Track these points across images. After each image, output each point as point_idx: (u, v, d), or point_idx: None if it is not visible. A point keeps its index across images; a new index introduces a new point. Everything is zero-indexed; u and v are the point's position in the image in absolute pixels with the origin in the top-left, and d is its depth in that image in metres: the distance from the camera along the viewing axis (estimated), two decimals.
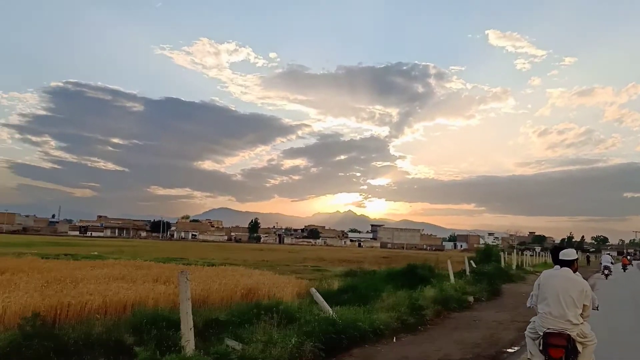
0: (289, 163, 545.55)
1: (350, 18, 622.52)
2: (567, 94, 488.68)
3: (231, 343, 7.78)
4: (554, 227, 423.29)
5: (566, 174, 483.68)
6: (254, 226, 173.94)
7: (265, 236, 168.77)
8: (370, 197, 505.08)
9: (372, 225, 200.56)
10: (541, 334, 5.62)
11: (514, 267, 28.24)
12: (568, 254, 5.94)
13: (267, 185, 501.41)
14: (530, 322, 6.03)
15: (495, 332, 10.57)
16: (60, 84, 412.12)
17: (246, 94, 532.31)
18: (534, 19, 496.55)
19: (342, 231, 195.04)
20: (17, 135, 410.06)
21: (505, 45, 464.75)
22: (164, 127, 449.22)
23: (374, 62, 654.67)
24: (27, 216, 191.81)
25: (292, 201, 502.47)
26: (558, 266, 5.93)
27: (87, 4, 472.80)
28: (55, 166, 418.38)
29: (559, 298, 5.56)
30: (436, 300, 12.68)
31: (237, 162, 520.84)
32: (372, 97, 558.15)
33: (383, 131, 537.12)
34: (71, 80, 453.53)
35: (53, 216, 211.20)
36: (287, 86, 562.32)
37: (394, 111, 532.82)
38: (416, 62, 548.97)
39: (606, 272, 33.39)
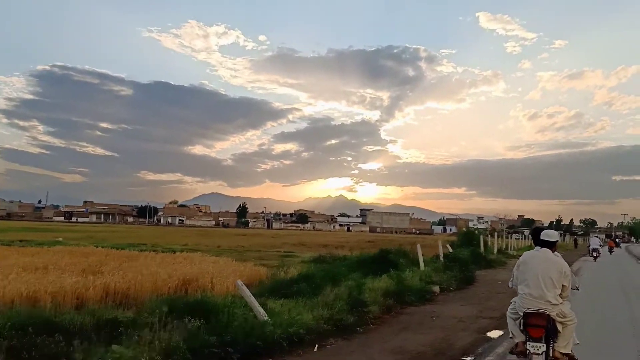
0: (279, 147, 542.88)
1: (341, 1, 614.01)
2: (557, 77, 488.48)
3: (116, 348, 6.31)
4: (544, 210, 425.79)
5: (556, 158, 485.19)
6: (242, 211, 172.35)
7: (254, 221, 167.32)
8: (361, 182, 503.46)
9: (361, 210, 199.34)
10: (521, 314, 5.70)
11: (494, 251, 26.87)
12: (549, 235, 5.95)
13: (258, 170, 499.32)
14: (511, 302, 6.08)
15: (450, 334, 8.89)
16: (47, 68, 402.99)
17: (236, 77, 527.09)
18: (524, 2, 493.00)
19: (332, 216, 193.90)
20: (4, 120, 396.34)
21: (496, 28, 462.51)
22: (153, 111, 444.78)
23: (364, 46, 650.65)
24: (11, 201, 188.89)
25: (283, 186, 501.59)
26: (539, 247, 5.95)
27: None
28: (44, 151, 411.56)
29: (538, 279, 5.62)
30: (388, 292, 10.88)
31: (227, 146, 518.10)
32: (362, 81, 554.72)
33: (374, 115, 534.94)
34: (58, 63, 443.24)
35: (39, 202, 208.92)
36: (277, 70, 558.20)
37: (384, 95, 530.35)
38: (407, 45, 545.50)
39: (594, 254, 33.75)
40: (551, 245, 5.89)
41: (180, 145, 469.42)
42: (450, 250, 21.59)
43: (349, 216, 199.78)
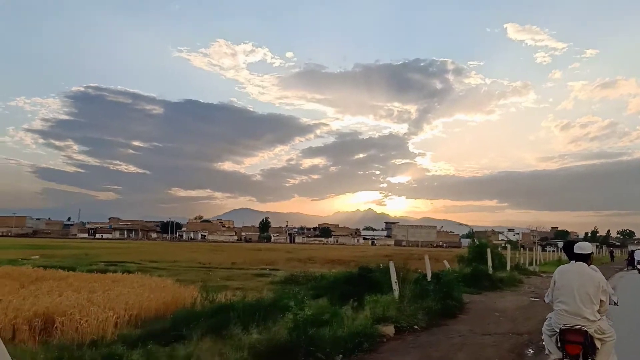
0: (308, 162, 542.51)
1: (367, 15, 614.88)
2: (590, 86, 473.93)
3: None
4: (578, 222, 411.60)
5: (590, 168, 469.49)
6: (265, 225, 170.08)
7: (276, 235, 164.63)
8: (390, 195, 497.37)
9: (386, 223, 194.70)
10: (557, 330, 5.47)
11: (508, 267, 22.98)
12: (582, 247, 5.71)
13: (287, 185, 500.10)
14: (547, 318, 5.82)
15: None
16: (82, 89, 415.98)
17: (264, 94, 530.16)
18: (553, 12, 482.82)
19: (357, 229, 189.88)
20: (41, 140, 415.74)
21: (525, 38, 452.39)
22: (184, 129, 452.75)
23: (391, 59, 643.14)
24: (38, 219, 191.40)
25: (312, 200, 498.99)
26: (573, 261, 5.67)
27: (104, 9, 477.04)
28: (79, 170, 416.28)
29: (574, 294, 5.37)
30: (279, 346, 6.73)
31: (256, 162, 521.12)
32: (389, 95, 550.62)
33: (402, 128, 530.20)
34: (92, 84, 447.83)
35: (69, 219, 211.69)
36: (305, 85, 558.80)
37: (412, 108, 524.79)
38: (434, 58, 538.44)
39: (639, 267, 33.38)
40: (586, 259, 5.64)
41: (210, 162, 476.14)
42: (448, 266, 18.29)
43: (374, 229, 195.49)
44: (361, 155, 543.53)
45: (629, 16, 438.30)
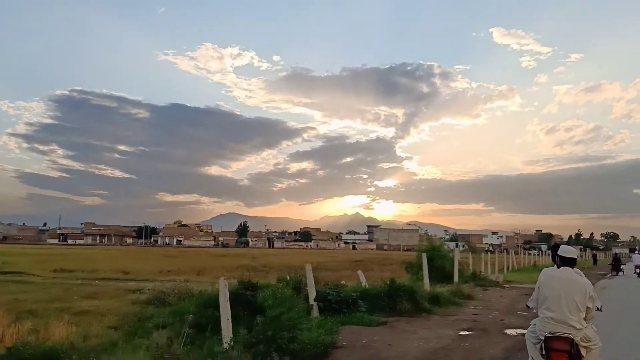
0: (295, 166, 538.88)
1: (354, 19, 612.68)
2: (574, 90, 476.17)
3: None
4: (564, 225, 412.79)
5: (575, 172, 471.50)
6: (243, 230, 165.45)
7: (255, 240, 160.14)
8: (377, 199, 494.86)
9: (368, 227, 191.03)
10: (542, 338, 5.22)
11: (455, 278, 18.19)
12: (567, 251, 5.44)
13: (274, 189, 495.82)
14: (530, 324, 5.60)
15: None
16: (66, 92, 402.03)
17: (251, 97, 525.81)
18: (538, 16, 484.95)
19: (339, 233, 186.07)
20: (25, 145, 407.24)
21: (510, 42, 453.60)
22: (170, 133, 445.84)
23: (378, 63, 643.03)
24: (9, 224, 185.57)
25: (299, 205, 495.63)
26: (557, 265, 5.47)
27: (90, 11, 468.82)
28: (64, 175, 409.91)
29: (560, 302, 5.14)
30: None
31: (243, 166, 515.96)
32: (377, 98, 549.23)
33: (389, 132, 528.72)
34: (76, 88, 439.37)
35: (44, 224, 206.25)
36: (292, 89, 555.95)
37: (399, 112, 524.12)
38: (421, 62, 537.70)
39: (638, 271, 32.61)
40: (571, 263, 5.36)
41: (197, 166, 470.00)
42: (363, 280, 14.34)
43: (356, 233, 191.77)
44: (348, 159, 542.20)
45: (613, 20, 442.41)
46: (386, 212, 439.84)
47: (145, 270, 27.91)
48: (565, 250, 5.40)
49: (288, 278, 12.98)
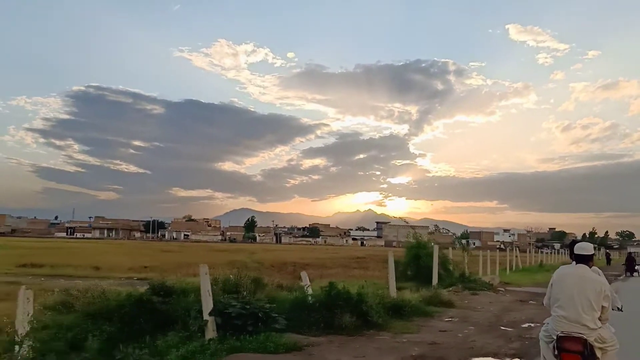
0: (308, 163, 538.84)
1: (368, 16, 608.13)
2: (591, 87, 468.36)
3: None
4: (578, 223, 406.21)
5: (591, 170, 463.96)
6: (250, 225, 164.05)
7: (262, 235, 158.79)
8: (390, 196, 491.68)
9: (377, 223, 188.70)
10: (555, 337, 4.91)
11: (434, 280, 15.64)
12: (584, 247, 5.17)
13: (287, 185, 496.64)
14: (544, 323, 5.27)
15: None
16: (82, 88, 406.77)
17: (265, 94, 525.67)
18: (555, 13, 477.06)
19: (348, 229, 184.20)
20: (42, 140, 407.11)
21: (526, 39, 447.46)
22: (185, 129, 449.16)
23: (392, 60, 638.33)
24: (19, 217, 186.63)
25: (312, 201, 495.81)
26: (574, 262, 5.16)
27: (106, 9, 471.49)
28: (79, 169, 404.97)
29: (574, 300, 4.86)
30: None
31: (257, 162, 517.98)
32: (390, 95, 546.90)
33: (402, 129, 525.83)
34: (92, 84, 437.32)
35: (56, 218, 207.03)
36: (306, 86, 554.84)
37: (413, 109, 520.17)
38: (435, 59, 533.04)
39: None
40: (587, 260, 5.10)
41: (210, 162, 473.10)
42: (306, 283, 12.33)
43: (365, 229, 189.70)
44: (362, 156, 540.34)
45: (631, 17, 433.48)
46: (399, 208, 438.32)
47: (121, 266, 26.29)
48: (582, 247, 5.17)
49: (225, 278, 10.78)
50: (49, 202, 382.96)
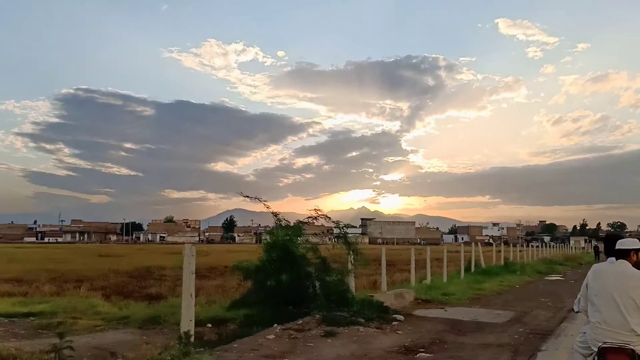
0: (300, 161, 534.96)
1: (358, 13, 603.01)
2: (581, 80, 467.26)
3: None
4: (570, 216, 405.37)
5: (582, 162, 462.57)
6: (229, 225, 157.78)
7: (242, 235, 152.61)
8: (383, 193, 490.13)
9: (361, 219, 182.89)
10: (595, 349, 4.06)
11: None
12: (626, 242, 4.31)
13: (280, 184, 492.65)
14: (580, 333, 4.50)
15: None
16: (71, 91, 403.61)
17: (256, 93, 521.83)
18: (544, 6, 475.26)
19: (330, 227, 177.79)
20: (31, 144, 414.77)
21: (516, 33, 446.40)
22: (176, 130, 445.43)
23: (383, 57, 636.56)
24: None
25: (305, 199, 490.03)
26: (613, 259, 4.29)
27: (94, 11, 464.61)
28: (70, 173, 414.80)
29: (615, 301, 4.04)
30: None
31: (249, 162, 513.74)
32: (382, 92, 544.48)
33: (394, 126, 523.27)
34: (82, 86, 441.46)
35: (35, 222, 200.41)
36: (297, 84, 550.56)
37: (404, 105, 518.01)
38: (425, 54, 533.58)
39: None
40: (627, 255, 4.23)
41: (203, 163, 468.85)
42: None
43: (352, 226, 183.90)
44: (354, 154, 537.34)
45: (620, 10, 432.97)
46: (392, 205, 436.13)
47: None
48: (624, 242, 4.30)
49: None
50: (40, 206, 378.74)
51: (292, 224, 11.18)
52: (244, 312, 9.45)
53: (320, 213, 11.48)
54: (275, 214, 11.25)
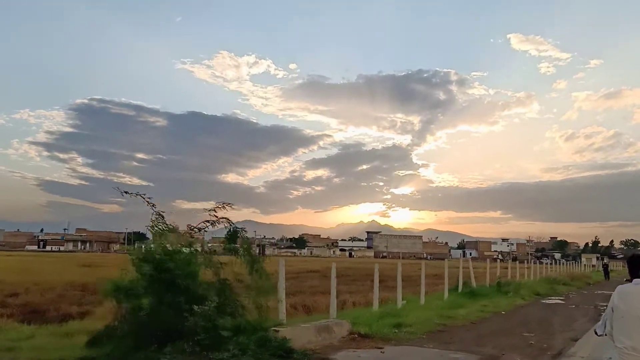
0: (311, 174, 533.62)
1: (370, 26, 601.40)
2: (594, 96, 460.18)
3: None
4: (583, 233, 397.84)
5: (595, 179, 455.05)
6: (232, 236, 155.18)
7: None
8: (394, 207, 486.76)
9: (367, 233, 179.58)
10: None
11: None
12: None
13: (290, 196, 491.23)
14: (605, 358, 4.61)
15: None
16: (85, 101, 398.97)
17: (267, 105, 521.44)
18: (557, 22, 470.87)
19: (335, 240, 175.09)
20: (45, 153, 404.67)
21: (528, 49, 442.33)
22: (187, 141, 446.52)
23: (394, 70, 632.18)
24: None
25: (315, 212, 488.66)
26: (639, 280, 4.05)
27: (108, 21, 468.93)
28: (83, 182, 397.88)
29: None
30: None
31: (260, 174, 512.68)
32: (393, 106, 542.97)
33: (405, 139, 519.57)
34: (96, 96, 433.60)
35: (41, 230, 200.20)
36: (308, 97, 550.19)
37: (415, 119, 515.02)
38: (437, 68, 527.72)
39: None
40: None
41: (213, 174, 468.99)
42: None
43: (357, 239, 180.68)
44: (364, 167, 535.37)
45: (633, 25, 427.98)
46: (403, 219, 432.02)
47: None
48: None
49: None
50: (52, 215, 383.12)
51: (177, 229, 8.60)
52: (107, 350, 6.89)
53: (220, 217, 8.92)
54: (153, 206, 8.63)
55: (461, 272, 18.44)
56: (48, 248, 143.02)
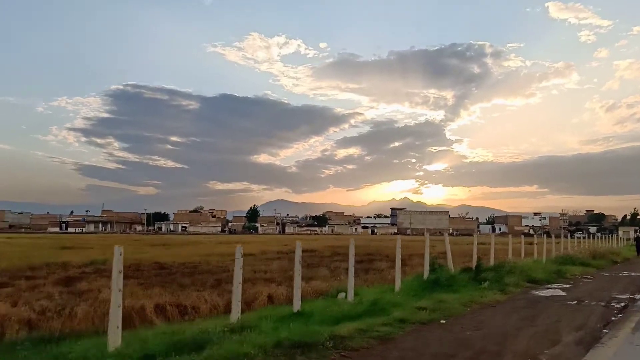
0: (342, 152, 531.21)
1: (400, 1, 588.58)
2: (637, 64, 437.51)
3: None
4: (623, 206, 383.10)
5: (637, 150, 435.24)
6: (253, 215, 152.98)
7: (264, 226, 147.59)
8: (426, 183, 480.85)
9: (391, 209, 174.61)
10: None
11: None
12: None
13: (322, 175, 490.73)
14: None
15: None
16: (120, 87, 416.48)
17: (298, 85, 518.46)
18: None
19: (357, 217, 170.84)
20: (83, 138, 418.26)
21: (568, 17, 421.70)
22: (220, 123, 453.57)
23: (426, 45, 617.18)
24: (20, 213, 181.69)
25: (347, 190, 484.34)
26: None
27: (139, 7, 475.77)
28: (120, 166, 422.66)
29: None
30: None
31: (291, 154, 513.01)
32: (425, 81, 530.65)
33: (438, 115, 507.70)
34: (130, 82, 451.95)
35: (71, 213, 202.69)
36: (339, 75, 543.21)
37: (448, 94, 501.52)
38: (471, 41, 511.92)
39: None
40: None
41: (246, 155, 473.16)
42: None
43: (380, 216, 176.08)
44: (396, 144, 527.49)
45: None
46: (436, 196, 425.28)
47: None
48: None
49: None
50: (90, 198, 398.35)
51: None
52: None
53: None
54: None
55: (427, 250, 13.84)
56: (71, 230, 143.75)
